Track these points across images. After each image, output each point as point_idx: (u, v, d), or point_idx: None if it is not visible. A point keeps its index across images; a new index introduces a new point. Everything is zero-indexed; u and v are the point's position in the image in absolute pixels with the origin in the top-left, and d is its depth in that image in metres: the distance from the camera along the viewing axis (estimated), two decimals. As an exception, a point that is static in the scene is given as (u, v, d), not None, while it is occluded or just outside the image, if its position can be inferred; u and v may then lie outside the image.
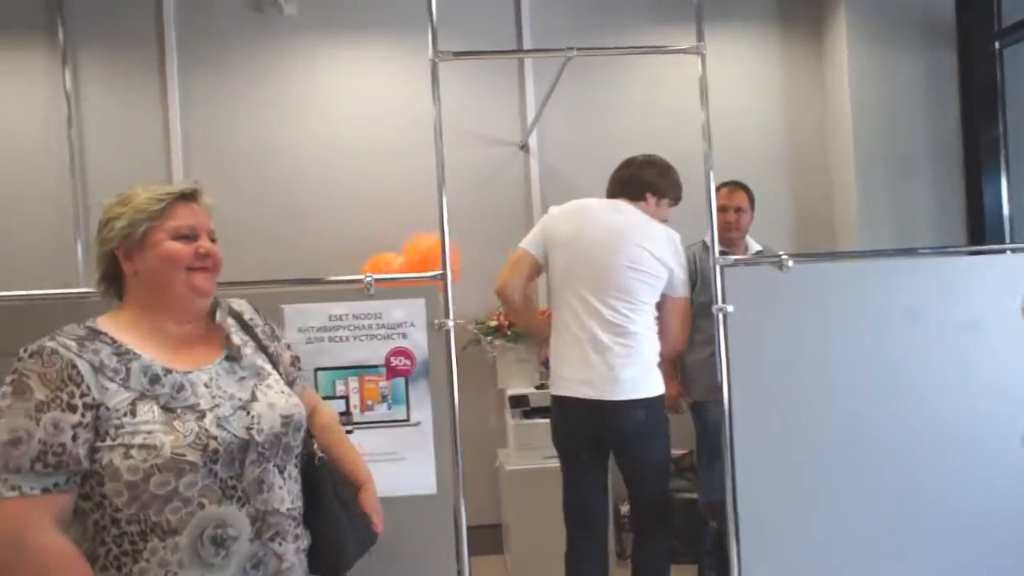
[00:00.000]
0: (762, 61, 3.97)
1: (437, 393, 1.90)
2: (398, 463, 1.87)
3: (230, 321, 1.33)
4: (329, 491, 1.35)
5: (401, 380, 1.89)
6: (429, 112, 1.99)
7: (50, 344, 1.14)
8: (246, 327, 1.36)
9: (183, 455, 1.12)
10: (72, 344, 1.14)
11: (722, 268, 1.99)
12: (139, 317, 1.24)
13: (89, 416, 1.11)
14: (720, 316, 1.98)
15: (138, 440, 1.11)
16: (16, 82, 3.62)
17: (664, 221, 2.48)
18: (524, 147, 3.84)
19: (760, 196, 3.11)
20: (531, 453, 3.25)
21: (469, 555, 1.89)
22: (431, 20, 1.98)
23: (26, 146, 3.61)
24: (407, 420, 1.89)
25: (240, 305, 1.39)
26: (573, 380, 2.34)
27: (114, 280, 1.27)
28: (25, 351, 1.14)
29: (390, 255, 3.45)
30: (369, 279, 1.89)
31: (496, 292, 2.50)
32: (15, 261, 3.52)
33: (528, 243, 2.46)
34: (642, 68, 3.87)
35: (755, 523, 1.96)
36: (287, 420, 1.26)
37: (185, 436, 1.13)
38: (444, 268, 1.94)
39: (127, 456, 1.10)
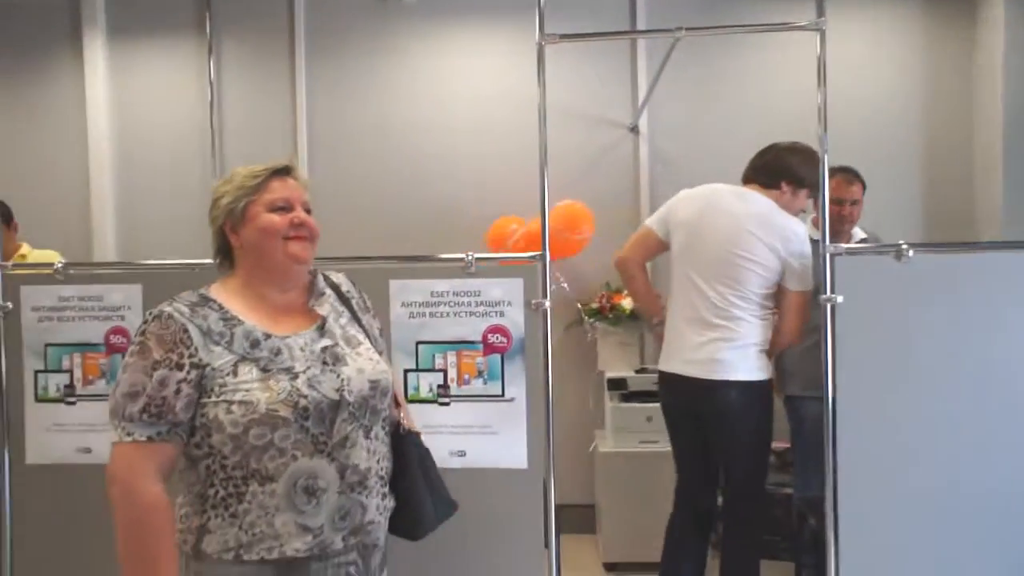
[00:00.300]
0: (894, 37, 3.68)
1: (532, 371, 1.93)
2: (491, 436, 1.93)
3: (328, 292, 1.43)
4: (414, 461, 1.44)
5: (497, 357, 1.94)
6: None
7: (167, 309, 1.28)
8: (343, 298, 1.46)
9: (276, 411, 1.24)
10: (185, 309, 1.29)
11: (831, 256, 1.89)
12: (245, 285, 1.36)
13: (194, 374, 1.24)
14: (828, 307, 1.89)
15: (238, 397, 1.24)
16: (169, 71, 3.99)
17: (800, 212, 2.40)
18: (634, 129, 3.79)
19: (886, 183, 2.90)
20: (627, 437, 3.24)
21: (558, 531, 1.93)
22: (538, 3, 1.99)
23: (177, 129, 3.98)
24: (502, 396, 1.94)
25: (338, 278, 1.50)
26: (678, 359, 2.38)
27: (227, 253, 1.40)
28: (150, 314, 1.29)
29: (518, 219, 3.54)
30: (470, 257, 1.95)
31: (615, 263, 2.57)
32: (171, 232, 3.88)
33: (653, 221, 2.51)
34: (760, 47, 3.69)
35: (856, 526, 1.88)
36: (375, 384, 1.35)
37: (278, 394, 1.25)
38: (544, 248, 1.96)
39: (228, 411, 1.24)
